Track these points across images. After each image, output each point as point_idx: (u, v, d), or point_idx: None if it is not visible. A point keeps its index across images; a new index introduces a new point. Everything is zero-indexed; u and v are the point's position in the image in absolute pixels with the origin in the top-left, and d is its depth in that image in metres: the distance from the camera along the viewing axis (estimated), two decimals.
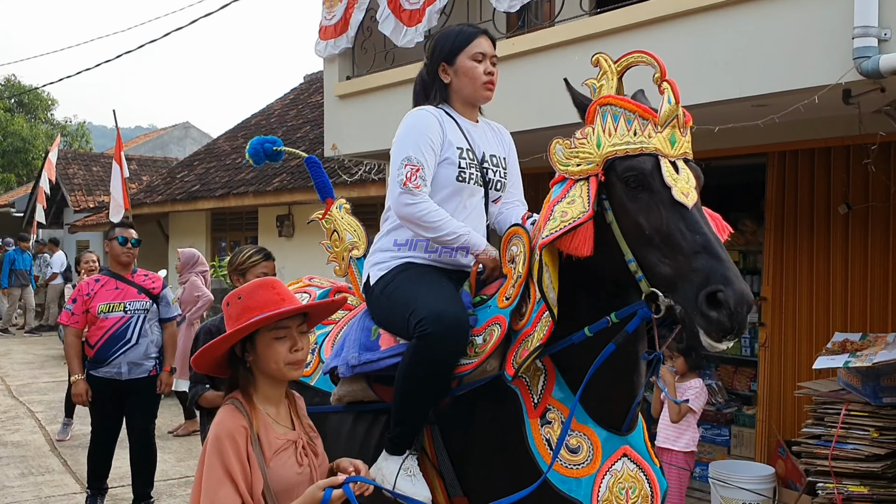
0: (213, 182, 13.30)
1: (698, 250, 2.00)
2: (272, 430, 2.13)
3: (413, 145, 2.59)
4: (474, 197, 2.71)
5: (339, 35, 6.56)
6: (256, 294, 2.14)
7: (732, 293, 1.92)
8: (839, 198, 5.23)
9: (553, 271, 2.27)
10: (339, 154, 6.80)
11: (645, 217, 2.11)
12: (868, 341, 4.58)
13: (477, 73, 2.70)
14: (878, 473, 4.26)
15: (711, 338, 1.97)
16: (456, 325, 2.39)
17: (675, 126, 2.16)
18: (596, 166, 2.21)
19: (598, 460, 2.31)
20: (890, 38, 3.71)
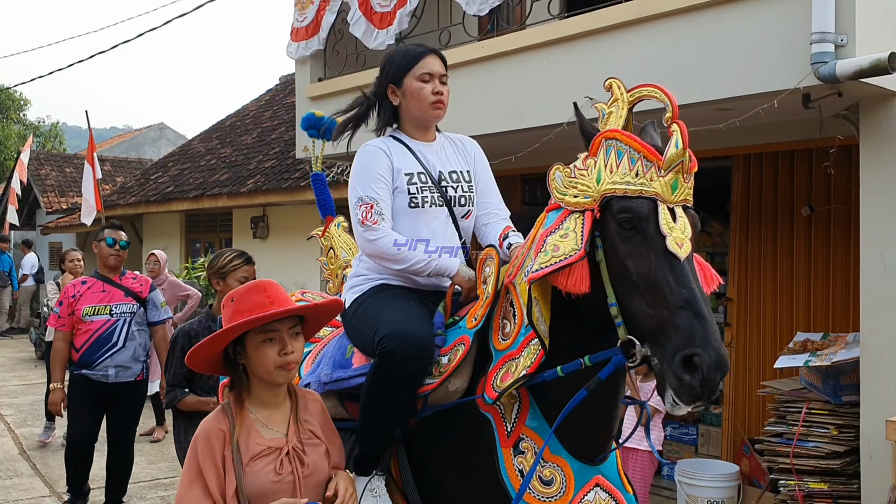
0: (186, 183, 13.23)
1: (682, 306, 1.96)
2: (255, 435, 2.13)
3: (363, 184, 2.59)
4: (437, 219, 2.69)
5: (311, 37, 6.58)
6: (247, 297, 2.15)
7: (708, 358, 1.88)
8: (802, 200, 5.33)
9: (544, 304, 2.24)
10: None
11: (634, 262, 2.07)
12: (829, 341, 4.67)
13: (424, 94, 2.66)
14: (838, 470, 4.35)
15: (681, 400, 1.95)
16: (418, 343, 2.38)
17: (678, 171, 2.08)
18: (593, 201, 2.16)
19: (570, 491, 2.28)
20: (846, 43, 3.80)
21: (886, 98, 4.05)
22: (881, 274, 4.06)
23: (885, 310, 4.05)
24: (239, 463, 2.07)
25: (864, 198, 4.15)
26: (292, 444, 2.16)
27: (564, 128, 4.89)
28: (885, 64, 3.59)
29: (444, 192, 2.69)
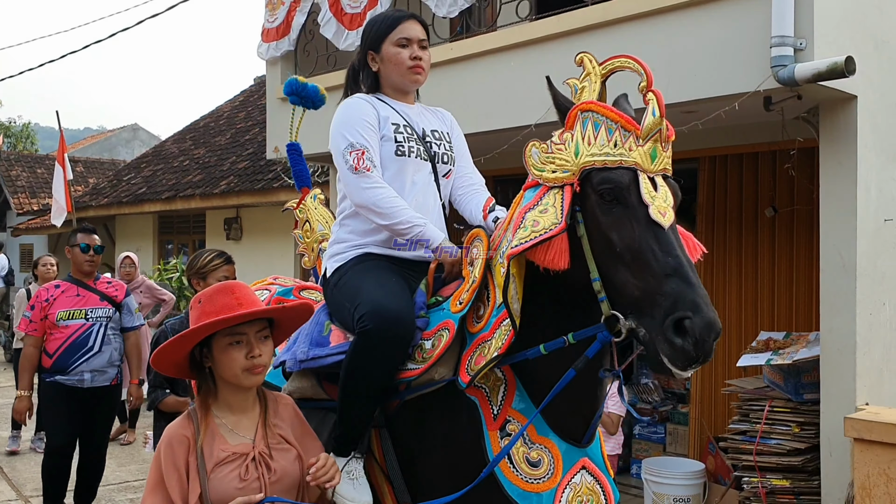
0: (159, 185, 13.14)
1: (669, 273, 1.93)
2: (220, 441, 2.08)
3: (351, 131, 2.53)
4: (421, 172, 2.64)
5: (281, 38, 6.57)
6: (214, 299, 2.11)
7: (700, 320, 1.86)
8: (766, 201, 5.41)
9: (519, 282, 2.19)
10: (281, 156, 6.79)
11: (617, 233, 2.03)
12: (791, 340, 4.75)
13: (401, 59, 2.64)
14: (799, 467, 4.42)
15: (675, 366, 1.92)
16: (397, 323, 2.32)
17: (657, 140, 2.06)
18: (572, 175, 2.12)
19: (558, 473, 2.25)
20: (805, 47, 3.87)
21: (845, 101, 4.12)
22: (840, 274, 4.14)
23: (844, 309, 4.12)
24: (203, 469, 2.02)
25: (823, 199, 4.23)
26: (259, 450, 2.11)
27: (532, 129, 4.93)
28: (841, 67, 3.66)
29: (428, 148, 2.66)
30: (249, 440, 2.12)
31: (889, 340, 4.34)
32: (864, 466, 3.89)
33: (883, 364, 4.30)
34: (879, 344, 4.27)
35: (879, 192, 4.27)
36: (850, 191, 4.11)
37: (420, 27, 2.69)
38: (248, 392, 2.16)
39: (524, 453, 2.24)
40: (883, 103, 4.30)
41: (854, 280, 4.09)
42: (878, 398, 4.24)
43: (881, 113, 4.28)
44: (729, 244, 5.60)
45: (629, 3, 4.52)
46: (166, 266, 10.77)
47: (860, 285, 4.10)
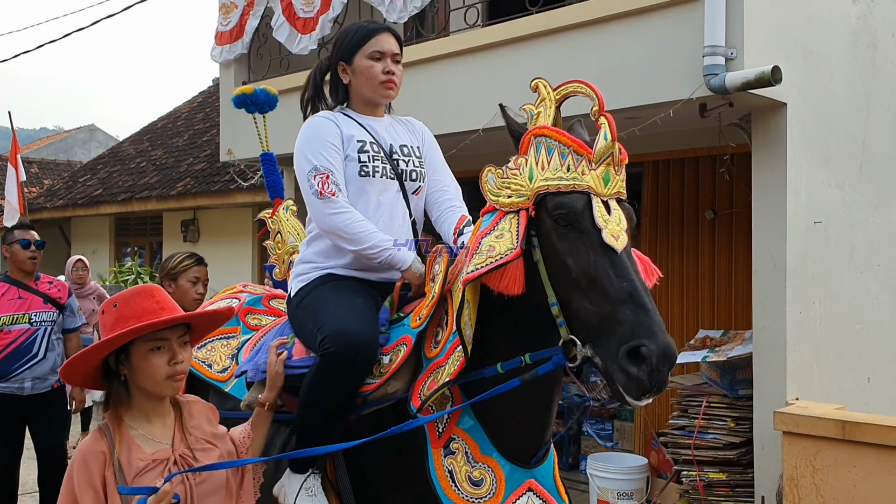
0: (116, 186, 13.03)
1: (625, 299, 1.92)
2: (137, 451, 2.00)
3: (315, 153, 2.50)
4: (387, 192, 2.60)
5: (235, 41, 6.61)
6: (133, 302, 2.02)
7: (656, 348, 1.84)
8: (706, 204, 5.59)
9: (473, 308, 2.17)
10: (234, 159, 6.83)
11: (573, 258, 2.02)
12: (728, 338, 4.92)
13: (374, 73, 2.59)
14: (734, 461, 4.59)
15: (630, 395, 1.89)
16: (360, 345, 2.30)
17: (609, 163, 2.06)
18: (527, 200, 2.12)
19: (501, 494, 2.22)
20: (736, 57, 4.04)
21: (775, 108, 4.30)
22: (771, 274, 4.31)
23: (775, 308, 4.30)
24: (122, 481, 1.94)
25: (755, 202, 4.40)
26: (179, 452, 2.05)
27: (480, 133, 5.05)
28: (768, 77, 3.83)
29: (395, 165, 2.61)
30: (168, 445, 2.05)
31: (819, 338, 4.52)
32: (793, 458, 4.06)
33: (813, 361, 4.49)
34: (810, 341, 4.46)
35: (809, 195, 4.45)
36: (780, 194, 4.28)
37: (395, 41, 2.65)
38: (164, 399, 2.09)
39: (466, 472, 2.24)
40: (812, 111, 4.49)
41: (784, 280, 4.27)
42: (809, 393, 4.42)
43: (811, 120, 4.47)
44: (671, 246, 5.77)
45: (571, 13, 4.65)
46: (121, 269, 10.70)
47: (790, 285, 4.28)
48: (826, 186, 4.59)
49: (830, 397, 4.51)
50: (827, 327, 4.56)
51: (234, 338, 2.94)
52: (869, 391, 4.94)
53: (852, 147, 4.83)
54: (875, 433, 3.81)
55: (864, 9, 4.89)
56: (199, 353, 2.92)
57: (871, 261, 4.96)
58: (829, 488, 3.96)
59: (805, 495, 4.02)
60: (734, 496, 4.60)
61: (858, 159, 4.87)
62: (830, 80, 4.65)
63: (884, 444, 3.79)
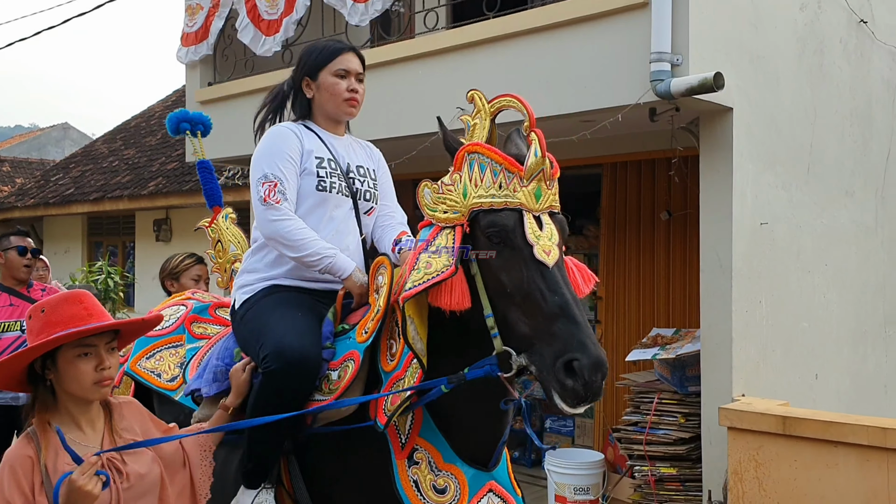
0: (88, 185, 12.99)
1: (557, 312, 2.00)
2: (64, 455, 1.98)
3: (268, 162, 2.55)
4: (340, 208, 2.66)
5: (200, 42, 6.65)
6: (61, 308, 2.02)
7: (587, 361, 1.94)
8: (662, 205, 5.71)
9: (419, 322, 2.23)
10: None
11: (507, 274, 2.10)
12: (679, 336, 5.04)
13: (338, 90, 2.66)
14: (684, 455, 4.71)
15: (566, 404, 1.99)
16: (301, 362, 2.34)
17: (540, 179, 2.13)
18: (461, 216, 2.18)
19: (464, 499, 2.30)
20: (681, 63, 4.15)
21: (721, 112, 4.42)
22: (718, 274, 4.43)
23: (721, 307, 4.42)
24: (49, 486, 1.93)
25: (703, 204, 4.52)
26: (107, 456, 2.03)
27: (438, 137, 5.13)
28: (711, 83, 3.94)
29: (350, 184, 2.68)
30: (96, 448, 2.04)
31: (766, 336, 4.65)
32: (737, 453, 4.18)
33: (760, 358, 4.61)
34: (756, 339, 4.58)
35: (756, 197, 4.57)
36: (726, 196, 4.40)
37: (358, 60, 2.74)
38: (92, 403, 2.08)
39: (431, 481, 2.30)
40: (759, 115, 4.61)
41: (730, 280, 4.39)
42: (756, 390, 4.55)
43: (757, 124, 4.59)
44: (629, 245, 5.89)
45: (526, 18, 4.75)
46: (91, 268, 10.67)
47: (736, 284, 4.40)
48: (773, 188, 4.72)
49: (777, 394, 4.64)
50: (773, 325, 4.69)
51: (180, 346, 2.99)
52: (817, 388, 5.08)
53: (799, 150, 4.96)
54: (814, 428, 3.94)
55: (811, 15, 5.03)
56: (148, 363, 2.95)
57: (818, 261, 5.10)
58: (771, 482, 4.08)
59: (748, 489, 4.14)
60: (684, 490, 4.73)
61: (805, 162, 5.00)
62: (777, 85, 4.78)
63: (822, 439, 3.91)
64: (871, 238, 5.65)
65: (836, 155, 5.31)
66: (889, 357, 5.81)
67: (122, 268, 12.64)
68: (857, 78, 5.48)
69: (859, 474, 3.81)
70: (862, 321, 5.54)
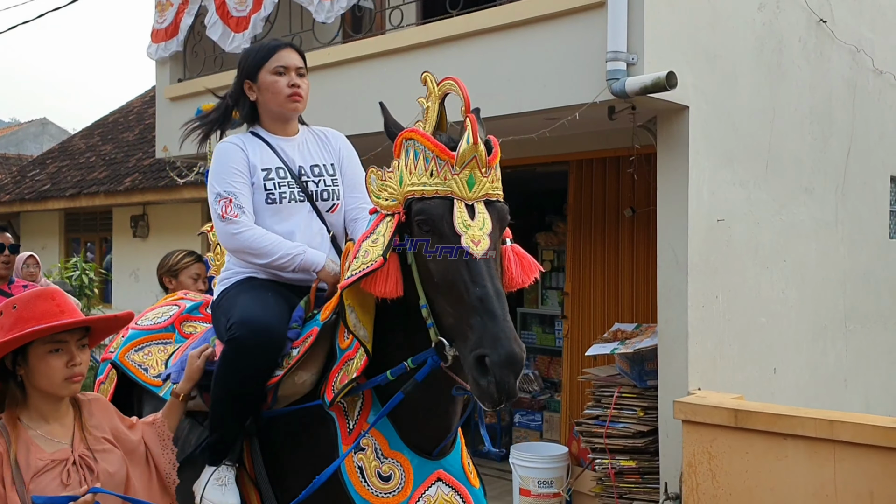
0: (64, 181, 12.94)
1: (476, 305, 1.96)
2: (36, 451, 2.02)
3: (219, 179, 2.58)
4: (298, 214, 2.67)
5: (170, 38, 6.66)
6: (33, 304, 2.04)
7: (498, 358, 1.88)
8: (626, 202, 5.78)
9: (360, 309, 2.23)
10: (169, 156, 6.89)
11: (434, 263, 2.08)
12: (640, 330, 5.12)
13: (279, 87, 2.65)
14: (643, 448, 4.79)
15: (484, 404, 1.96)
16: (263, 332, 2.37)
17: (473, 167, 2.07)
18: (398, 204, 2.17)
19: (409, 487, 2.29)
20: (637, 62, 4.21)
21: (678, 111, 4.49)
22: (674, 269, 4.51)
23: (677, 302, 4.49)
24: (20, 481, 1.95)
25: (660, 201, 4.59)
26: (79, 453, 2.05)
27: None
28: (663, 82, 4.01)
29: (304, 187, 2.68)
30: (67, 445, 2.06)
31: (722, 330, 4.73)
32: (691, 445, 4.26)
33: (716, 352, 4.70)
34: (712, 334, 4.66)
35: (712, 194, 4.65)
36: (682, 193, 4.48)
37: (297, 55, 2.72)
38: (62, 400, 2.10)
39: (375, 467, 2.29)
40: (716, 113, 4.68)
41: (686, 275, 4.46)
42: (712, 384, 4.63)
43: (714, 122, 4.67)
44: (594, 241, 5.96)
45: (487, 17, 4.80)
46: (66, 265, 10.64)
47: (692, 280, 4.48)
48: (730, 186, 4.80)
49: (735, 388, 4.72)
50: (730, 320, 4.77)
51: (169, 343, 2.99)
52: (775, 382, 5.17)
53: (758, 147, 5.04)
54: (764, 421, 4.02)
55: (770, 15, 5.10)
56: (137, 356, 2.95)
57: (776, 257, 5.19)
58: (723, 474, 4.16)
59: (702, 481, 4.22)
60: (643, 483, 4.81)
61: (764, 159, 5.08)
62: (735, 84, 4.85)
63: (772, 432, 4.00)
64: (830, 234, 5.75)
65: (796, 153, 5.40)
66: (849, 352, 5.91)
67: (100, 264, 12.62)
68: (817, 76, 5.57)
69: (807, 466, 3.90)
70: (821, 316, 5.64)
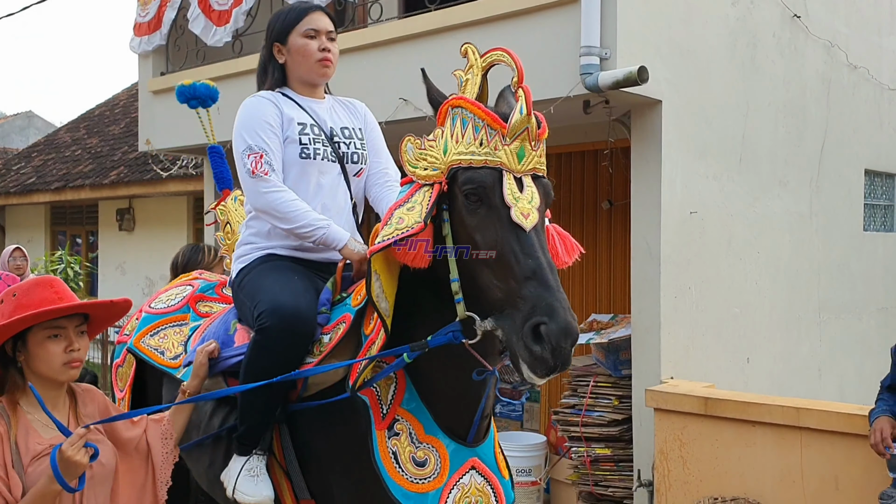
0: (49, 175, 12.95)
1: (529, 276, 1.91)
2: (34, 436, 2.06)
3: (251, 133, 2.50)
4: (328, 174, 2.60)
5: (153, 32, 6.69)
6: (33, 292, 2.09)
7: (556, 326, 1.84)
8: (604, 195, 5.86)
9: (386, 279, 2.15)
10: (153, 149, 6.92)
11: (481, 234, 2.01)
12: (616, 321, 5.20)
13: (310, 51, 2.58)
14: (617, 436, 4.87)
15: (535, 373, 1.89)
16: (294, 319, 2.31)
17: (524, 139, 2.04)
18: (440, 173, 2.09)
19: (445, 474, 2.23)
20: (610, 57, 4.28)
21: (651, 105, 4.56)
22: (647, 260, 4.59)
23: (650, 293, 4.58)
24: (19, 464, 2.00)
25: (634, 194, 4.67)
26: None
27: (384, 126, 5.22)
28: (635, 76, 4.08)
29: (336, 148, 2.61)
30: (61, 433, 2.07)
31: (695, 320, 4.82)
32: (662, 433, 4.35)
33: (689, 342, 4.78)
34: (685, 324, 4.75)
35: (685, 187, 4.73)
36: (655, 186, 4.55)
37: (328, 19, 2.65)
38: (59, 387, 2.15)
39: (410, 452, 2.23)
40: (689, 107, 4.76)
41: (659, 266, 4.54)
42: (685, 373, 4.71)
43: (687, 116, 4.74)
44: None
45: (464, 11, 4.86)
46: (52, 258, 10.67)
47: (664, 271, 4.56)
48: (703, 179, 4.88)
49: (708, 377, 4.81)
50: (703, 310, 4.86)
51: (185, 325, 2.96)
52: (749, 371, 5.26)
53: (731, 141, 5.12)
54: (733, 408, 4.11)
55: (744, 10, 5.18)
56: (152, 340, 2.95)
57: (750, 249, 5.27)
58: (694, 461, 4.25)
59: (673, 468, 4.31)
60: (618, 470, 4.89)
61: (738, 153, 5.16)
62: (708, 78, 4.93)
63: (740, 419, 4.09)
64: (805, 227, 5.84)
65: (770, 146, 5.48)
66: (823, 342, 6.02)
67: (86, 257, 12.63)
68: (791, 71, 5.65)
69: (775, 452, 3.99)
70: (795, 307, 5.74)
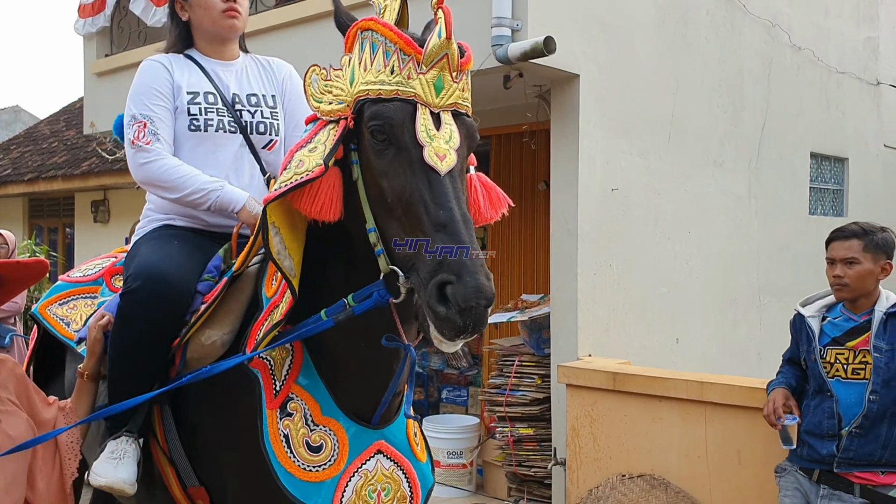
0: (24, 166, 12.98)
1: (438, 228, 1.66)
2: None
3: (136, 100, 2.32)
4: (227, 147, 2.38)
5: (97, 13, 6.69)
6: None
7: (462, 287, 1.58)
8: (541, 176, 5.81)
9: (288, 233, 1.87)
10: (97, 132, 6.91)
11: (388, 180, 1.75)
12: (544, 301, 5.15)
13: (212, 3, 2.36)
14: (539, 416, 4.83)
15: (443, 336, 1.64)
16: (161, 282, 2.09)
17: (443, 67, 1.75)
18: (347, 107, 1.80)
19: (343, 460, 1.99)
20: (521, 28, 4.23)
21: (569, 80, 4.51)
22: (565, 238, 4.54)
23: (568, 270, 4.53)
24: None
25: (553, 171, 4.62)
26: None
27: None
28: (541, 47, 4.03)
29: (238, 117, 2.39)
30: None
31: (616, 297, 4.77)
32: (574, 409, 4.30)
33: (609, 319, 4.73)
34: (605, 301, 4.70)
35: (606, 163, 4.68)
36: (573, 163, 4.51)
37: None
38: None
39: (304, 436, 1.98)
40: (610, 82, 4.71)
41: (576, 243, 4.50)
42: (605, 350, 4.66)
43: (608, 91, 4.69)
44: (512, 215, 5.83)
45: None
46: (21, 247, 10.67)
47: (582, 248, 4.51)
48: (627, 155, 4.83)
49: (632, 355, 4.76)
50: (626, 288, 4.81)
51: (95, 298, 2.73)
52: (678, 351, 5.21)
53: (659, 119, 5.07)
54: (640, 384, 4.06)
55: None
56: (60, 310, 2.78)
57: (680, 228, 5.22)
58: (604, 437, 4.20)
59: (584, 444, 4.26)
60: (539, 450, 4.85)
61: (666, 130, 5.11)
62: (633, 53, 4.88)
63: (648, 394, 4.03)
64: (743, 208, 5.78)
65: (703, 125, 5.43)
66: (763, 325, 5.95)
67: (63, 250, 12.67)
68: (727, 50, 5.59)
69: (681, 427, 3.94)
70: (731, 289, 5.68)
